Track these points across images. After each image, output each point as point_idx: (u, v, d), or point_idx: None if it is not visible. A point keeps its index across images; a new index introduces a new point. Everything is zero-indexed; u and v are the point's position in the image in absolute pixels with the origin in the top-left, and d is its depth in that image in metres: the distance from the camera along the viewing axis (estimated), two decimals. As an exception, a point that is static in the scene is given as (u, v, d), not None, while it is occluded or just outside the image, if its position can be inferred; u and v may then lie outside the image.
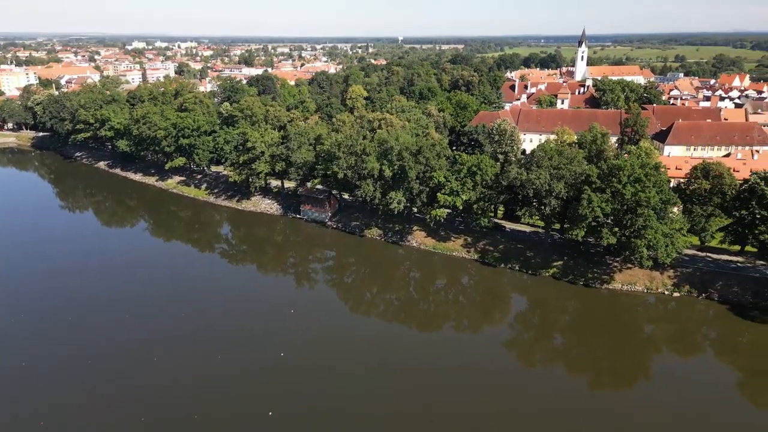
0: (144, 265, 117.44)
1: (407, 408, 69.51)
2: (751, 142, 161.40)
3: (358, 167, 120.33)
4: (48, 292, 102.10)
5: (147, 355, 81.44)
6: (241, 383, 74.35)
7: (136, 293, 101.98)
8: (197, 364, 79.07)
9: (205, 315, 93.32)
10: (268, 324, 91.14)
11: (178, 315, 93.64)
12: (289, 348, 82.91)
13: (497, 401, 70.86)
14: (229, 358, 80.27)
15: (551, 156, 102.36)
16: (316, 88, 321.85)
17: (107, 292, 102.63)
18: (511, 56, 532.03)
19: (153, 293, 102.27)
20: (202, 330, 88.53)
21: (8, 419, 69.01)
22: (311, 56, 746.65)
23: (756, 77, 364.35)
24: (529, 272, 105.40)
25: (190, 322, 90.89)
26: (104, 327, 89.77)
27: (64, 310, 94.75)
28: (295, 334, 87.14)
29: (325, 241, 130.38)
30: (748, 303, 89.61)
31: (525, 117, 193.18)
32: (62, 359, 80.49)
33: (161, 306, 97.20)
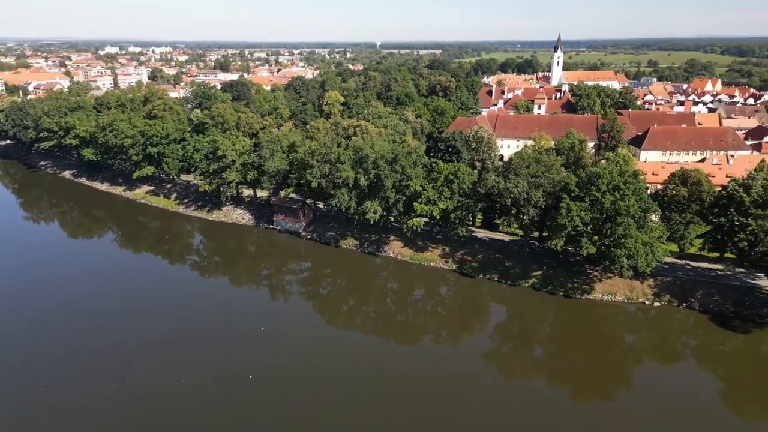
0: (109, 279, 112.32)
1: (385, 422, 67.28)
2: (726, 146, 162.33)
3: (333, 176, 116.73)
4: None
5: (96, 378, 76.85)
6: (201, 409, 70.07)
7: (97, 309, 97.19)
8: (156, 383, 74.57)
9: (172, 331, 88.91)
10: (238, 339, 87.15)
11: (140, 333, 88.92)
12: (261, 365, 79.37)
13: (477, 414, 68.59)
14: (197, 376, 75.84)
15: (529, 164, 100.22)
16: (292, 94, 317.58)
17: (67, 307, 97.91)
18: (488, 61, 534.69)
19: (114, 309, 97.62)
20: (165, 346, 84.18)
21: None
22: (288, 61, 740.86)
23: (727, 82, 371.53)
24: (508, 283, 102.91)
25: (154, 341, 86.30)
26: (56, 341, 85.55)
27: (15, 324, 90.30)
28: (268, 350, 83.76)
29: (299, 253, 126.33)
30: (729, 312, 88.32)
31: (502, 123, 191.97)
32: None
33: (121, 322, 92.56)
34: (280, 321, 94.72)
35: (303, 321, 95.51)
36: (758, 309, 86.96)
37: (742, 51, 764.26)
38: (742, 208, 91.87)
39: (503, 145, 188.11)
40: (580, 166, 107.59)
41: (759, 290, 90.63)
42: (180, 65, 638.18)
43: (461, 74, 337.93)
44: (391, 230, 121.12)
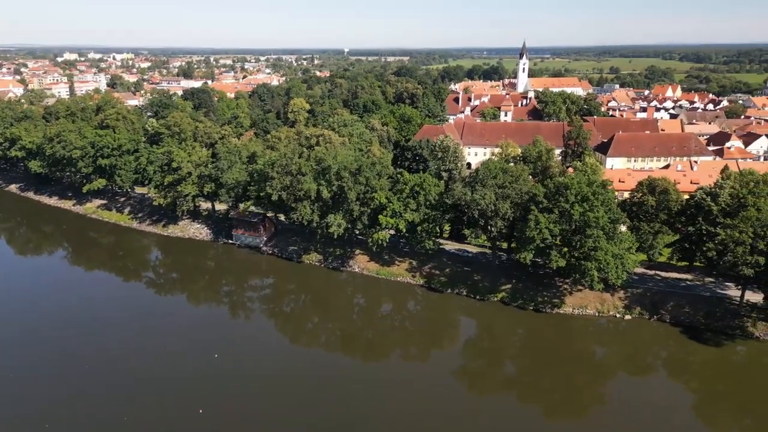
0: (58, 297, 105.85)
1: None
2: (689, 152, 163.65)
3: (294, 188, 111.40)
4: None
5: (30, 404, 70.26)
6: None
7: (43, 327, 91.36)
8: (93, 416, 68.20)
9: (122, 357, 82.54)
10: (194, 362, 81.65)
11: (83, 356, 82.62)
12: (219, 388, 74.78)
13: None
14: (145, 408, 69.44)
15: (495, 174, 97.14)
16: (256, 101, 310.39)
17: (10, 327, 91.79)
18: (454, 68, 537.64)
19: (62, 328, 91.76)
20: (110, 372, 78.27)
21: None
22: (254, 68, 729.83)
23: (686, 88, 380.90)
24: (477, 297, 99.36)
25: (97, 364, 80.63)
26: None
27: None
28: (228, 371, 79.10)
29: (260, 269, 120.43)
30: (700, 324, 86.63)
31: (469, 130, 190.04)
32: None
33: (67, 341, 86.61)
34: (240, 340, 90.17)
35: (264, 340, 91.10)
36: (729, 321, 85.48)
37: (699, 57, 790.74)
38: (710, 217, 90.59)
39: (471, 153, 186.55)
40: (548, 175, 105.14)
41: (729, 301, 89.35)
42: (142, 72, 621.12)
43: (428, 81, 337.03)
44: (356, 244, 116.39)
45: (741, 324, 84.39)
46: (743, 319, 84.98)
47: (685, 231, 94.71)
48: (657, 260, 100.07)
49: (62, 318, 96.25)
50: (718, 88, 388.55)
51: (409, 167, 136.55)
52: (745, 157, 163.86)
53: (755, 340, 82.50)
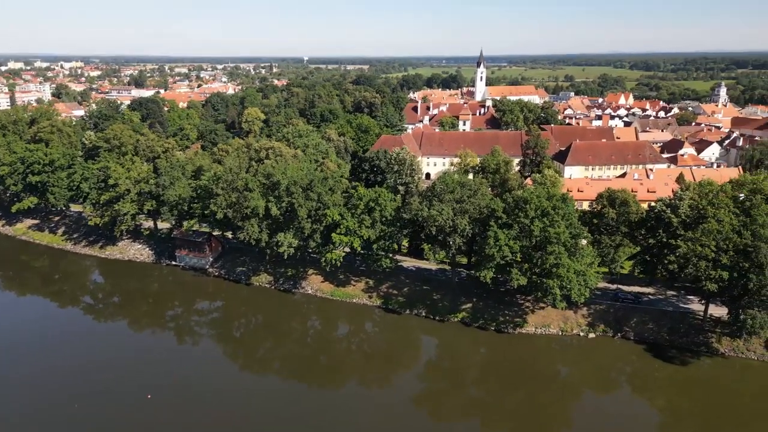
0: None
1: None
2: (644, 160, 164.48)
3: (240, 205, 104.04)
4: None
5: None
6: None
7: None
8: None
9: (47, 391, 73.98)
10: (132, 395, 75.07)
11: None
12: (165, 417, 69.62)
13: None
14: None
15: (453, 189, 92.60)
16: (210, 111, 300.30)
17: None
18: (413, 77, 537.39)
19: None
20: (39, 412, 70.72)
21: None
22: (211, 77, 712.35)
23: (638, 95, 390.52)
24: (437, 318, 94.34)
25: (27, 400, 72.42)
26: None
27: None
28: (173, 403, 73.61)
29: (206, 292, 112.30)
30: (664, 341, 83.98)
31: (428, 140, 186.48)
32: None
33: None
34: (186, 368, 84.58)
35: (213, 367, 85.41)
36: (693, 336, 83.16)
37: (648, 66, 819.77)
38: (670, 229, 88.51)
39: (429, 163, 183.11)
40: (507, 188, 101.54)
41: (692, 316, 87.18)
42: (90, 81, 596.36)
43: (387, 90, 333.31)
44: (309, 263, 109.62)
45: (706, 340, 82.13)
46: (708, 334, 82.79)
47: (646, 243, 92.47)
48: (619, 273, 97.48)
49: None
50: (668, 95, 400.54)
51: (367, 179, 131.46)
52: (698, 165, 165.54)
53: (720, 357, 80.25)
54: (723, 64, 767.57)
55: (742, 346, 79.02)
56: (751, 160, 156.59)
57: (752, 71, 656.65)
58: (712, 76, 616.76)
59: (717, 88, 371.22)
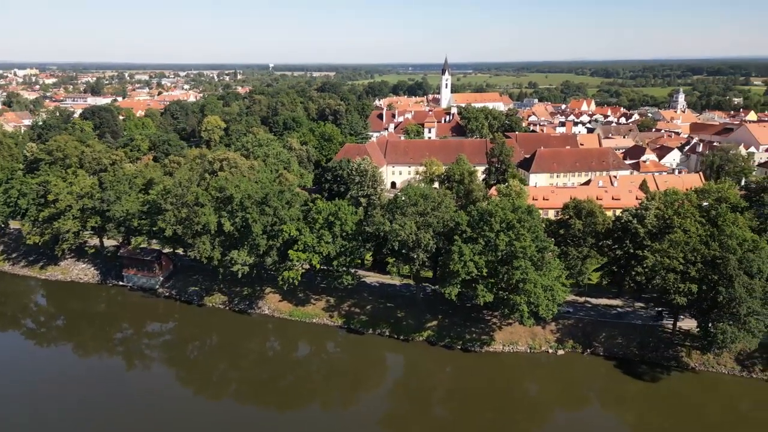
0: None
1: None
2: (608, 167, 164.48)
3: (191, 221, 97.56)
4: None
5: None
6: None
7: None
8: None
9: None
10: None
11: None
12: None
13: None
14: None
15: (416, 201, 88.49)
16: (168, 120, 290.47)
17: None
18: (379, 84, 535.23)
19: None
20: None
21: None
22: (172, 84, 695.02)
23: (600, 102, 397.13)
24: (401, 338, 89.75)
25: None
26: None
27: None
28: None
29: (156, 313, 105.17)
30: (634, 356, 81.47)
31: (393, 148, 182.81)
32: None
33: None
34: (136, 394, 79.65)
35: (164, 393, 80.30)
36: (663, 351, 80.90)
37: (608, 73, 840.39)
38: (637, 240, 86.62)
39: (395, 171, 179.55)
40: (471, 200, 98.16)
41: (661, 329, 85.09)
42: (45, 89, 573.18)
43: (352, 97, 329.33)
44: (266, 281, 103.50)
45: (675, 354, 79.98)
46: (677, 348, 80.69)
47: (613, 254, 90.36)
48: (586, 285, 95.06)
49: None
50: (628, 101, 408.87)
51: (330, 189, 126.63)
52: (660, 171, 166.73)
53: (691, 372, 78.13)
54: (679, 70, 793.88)
55: (712, 360, 77.13)
56: (711, 166, 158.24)
57: (707, 77, 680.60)
58: (669, 83, 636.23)
59: (675, 94, 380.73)
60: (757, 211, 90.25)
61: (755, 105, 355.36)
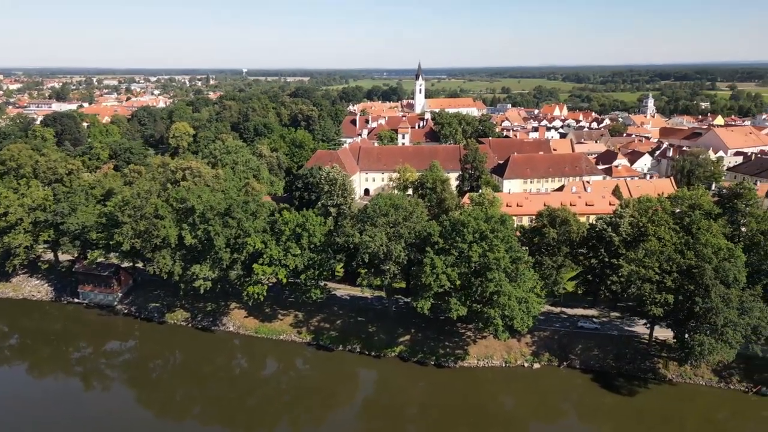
0: None
1: None
2: (581, 172, 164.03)
3: (150, 234, 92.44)
4: None
5: None
6: None
7: None
8: None
9: None
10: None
11: None
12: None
13: None
14: None
15: (387, 212, 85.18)
16: (136, 126, 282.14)
17: None
18: (353, 89, 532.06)
19: None
20: None
21: None
22: (142, 89, 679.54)
23: (571, 107, 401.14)
24: (372, 354, 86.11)
25: None
26: None
27: None
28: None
29: (115, 332, 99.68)
30: (611, 368, 79.45)
31: (365, 155, 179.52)
32: None
33: None
34: (95, 417, 75.95)
35: (124, 415, 76.14)
36: (640, 362, 79.09)
37: (579, 78, 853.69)
38: (611, 248, 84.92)
39: (368, 178, 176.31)
40: (444, 209, 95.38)
41: (638, 340, 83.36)
42: (8, 94, 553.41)
43: (326, 103, 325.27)
44: (232, 295, 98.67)
45: (652, 366, 78.22)
46: (654, 359, 78.99)
47: (588, 263, 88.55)
48: (561, 295, 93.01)
49: None
50: (599, 106, 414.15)
51: (301, 197, 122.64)
52: (632, 176, 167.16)
53: (668, 384, 76.41)
54: (647, 76, 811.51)
55: (689, 372, 75.59)
56: (681, 171, 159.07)
57: (674, 82, 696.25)
58: (638, 88, 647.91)
59: (644, 99, 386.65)
60: (730, 217, 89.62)
61: (722, 109, 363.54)
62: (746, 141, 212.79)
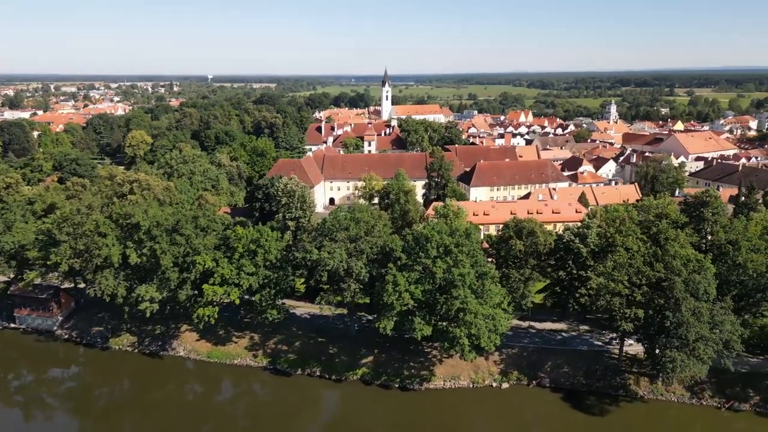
0: None
1: None
2: (547, 179, 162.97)
3: (91, 253, 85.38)
4: None
5: None
6: None
7: None
8: None
9: None
10: None
11: None
12: None
13: None
14: None
15: (347, 226, 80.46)
16: (91, 135, 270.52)
17: None
18: (320, 95, 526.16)
19: None
20: None
21: None
22: (101, 96, 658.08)
23: (537, 113, 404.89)
24: (333, 377, 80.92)
25: None
26: None
27: None
28: None
29: (56, 358, 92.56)
30: (581, 386, 76.32)
31: (330, 163, 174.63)
32: None
33: None
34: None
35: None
36: (610, 379, 76.24)
37: (544, 84, 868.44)
38: (579, 260, 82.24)
39: (333, 187, 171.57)
40: (407, 221, 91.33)
41: (608, 354, 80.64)
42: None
43: (291, 109, 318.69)
44: (182, 317, 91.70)
45: (623, 382, 75.45)
46: (625, 375, 76.24)
47: (556, 275, 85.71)
48: (530, 309, 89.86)
49: None
50: (564, 112, 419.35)
51: (261, 209, 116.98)
52: (597, 182, 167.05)
53: (640, 401, 73.62)
54: (609, 82, 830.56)
55: (661, 388, 73.08)
56: (645, 177, 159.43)
57: (635, 89, 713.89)
58: (600, 94, 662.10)
59: (607, 105, 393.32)
60: (696, 226, 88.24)
61: (681, 115, 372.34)
62: (706, 146, 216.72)
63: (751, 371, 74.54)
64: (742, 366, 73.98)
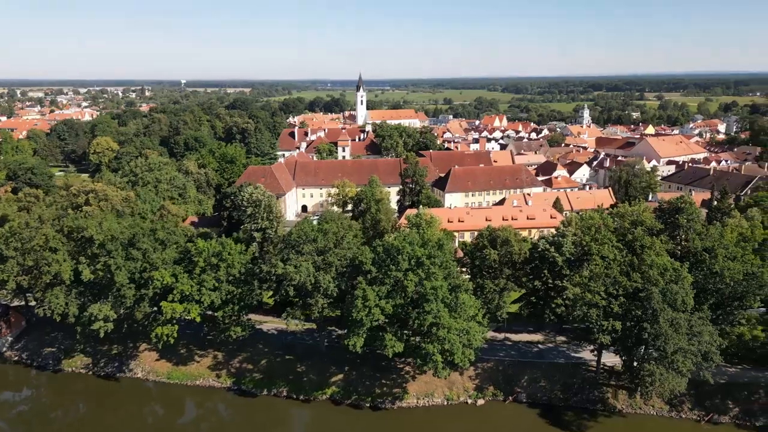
0: None
1: None
2: (521, 184, 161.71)
3: (40, 270, 79.82)
4: None
5: None
6: None
7: None
8: None
9: None
10: None
11: None
12: None
13: None
14: None
15: (315, 237, 76.69)
16: (55, 142, 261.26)
17: None
18: (295, 100, 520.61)
19: None
20: None
21: None
22: (69, 101, 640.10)
23: (511, 117, 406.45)
24: (302, 397, 76.86)
25: None
26: None
27: None
28: None
29: (5, 381, 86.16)
30: (558, 401, 73.88)
31: (302, 169, 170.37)
32: None
33: None
34: None
35: None
36: (588, 392, 73.96)
37: (518, 89, 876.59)
38: (555, 269, 80.00)
39: (305, 194, 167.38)
40: (379, 231, 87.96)
41: (585, 367, 78.34)
42: None
43: (264, 114, 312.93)
44: (140, 335, 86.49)
45: (601, 395, 73.25)
46: (603, 389, 74.06)
47: (532, 285, 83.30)
48: (505, 320, 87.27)
49: None
50: (537, 116, 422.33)
51: (230, 218, 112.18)
52: (571, 187, 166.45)
53: (618, 415, 71.48)
54: (582, 87, 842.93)
55: (639, 401, 71.02)
56: (618, 181, 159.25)
57: (606, 93, 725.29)
58: (573, 98, 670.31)
59: (580, 109, 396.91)
60: (671, 232, 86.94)
61: (652, 119, 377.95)
62: (677, 150, 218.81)
63: (729, 382, 73.08)
64: (721, 377, 72.46)
